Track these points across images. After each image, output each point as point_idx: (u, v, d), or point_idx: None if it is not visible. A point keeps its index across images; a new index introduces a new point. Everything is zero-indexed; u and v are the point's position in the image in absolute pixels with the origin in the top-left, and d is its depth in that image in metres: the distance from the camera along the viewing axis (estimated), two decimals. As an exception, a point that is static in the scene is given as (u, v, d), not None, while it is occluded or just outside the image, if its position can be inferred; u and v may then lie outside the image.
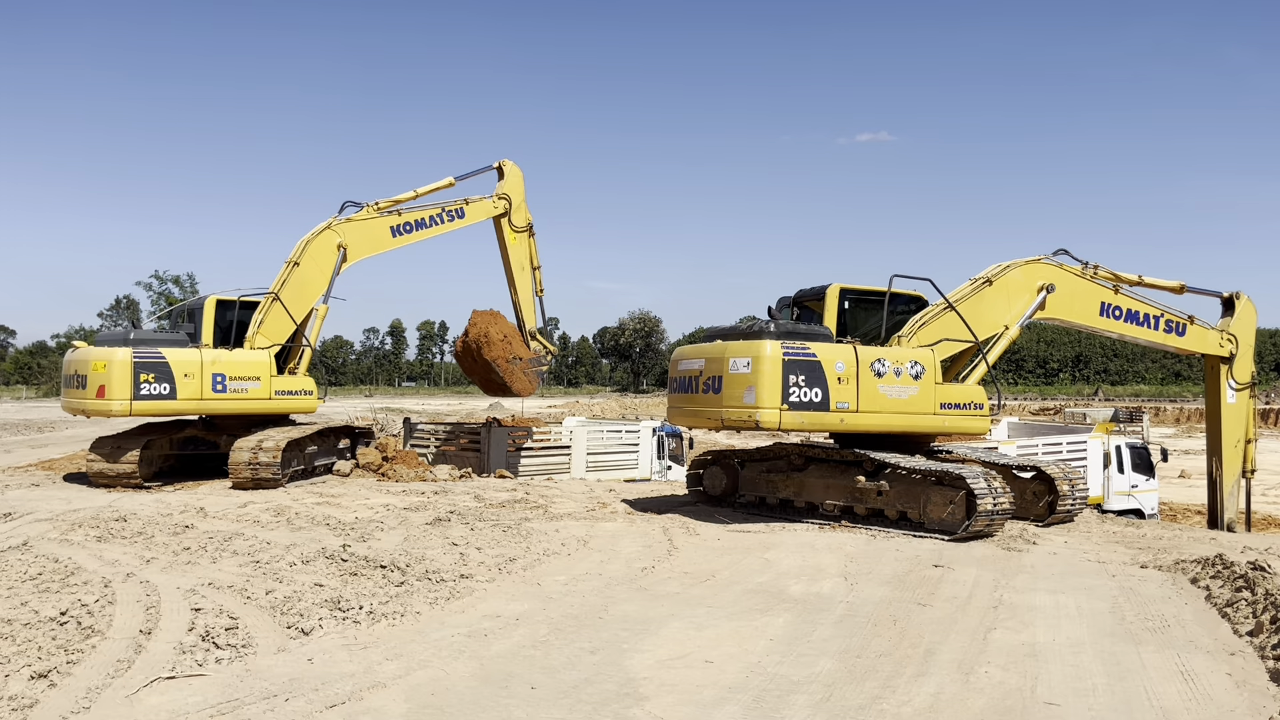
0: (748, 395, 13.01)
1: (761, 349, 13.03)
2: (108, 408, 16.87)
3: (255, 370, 18.17)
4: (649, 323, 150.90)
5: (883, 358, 13.53)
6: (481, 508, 14.58)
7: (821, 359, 13.16)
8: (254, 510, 13.96)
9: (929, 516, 12.94)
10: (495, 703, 5.98)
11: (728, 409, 13.26)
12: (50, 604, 7.92)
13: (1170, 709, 6.03)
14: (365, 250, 19.94)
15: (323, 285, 19.31)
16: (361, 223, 19.83)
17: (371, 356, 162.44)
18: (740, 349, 13.28)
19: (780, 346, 13.03)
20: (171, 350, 17.39)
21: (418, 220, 20.50)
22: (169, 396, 17.17)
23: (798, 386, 12.98)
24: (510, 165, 22.08)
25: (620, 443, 24.10)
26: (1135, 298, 16.09)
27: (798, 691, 6.28)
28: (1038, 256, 15.29)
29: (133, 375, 16.80)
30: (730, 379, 13.24)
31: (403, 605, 8.29)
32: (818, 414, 13.14)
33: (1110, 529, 14.34)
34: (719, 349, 13.68)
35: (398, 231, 20.25)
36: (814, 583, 9.73)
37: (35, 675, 6.13)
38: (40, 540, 11.24)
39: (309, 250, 19.17)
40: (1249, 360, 16.93)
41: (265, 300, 18.76)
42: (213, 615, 7.69)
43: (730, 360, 13.28)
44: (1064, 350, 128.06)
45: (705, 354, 13.98)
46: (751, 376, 13.00)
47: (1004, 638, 7.68)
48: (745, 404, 13.03)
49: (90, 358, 17.13)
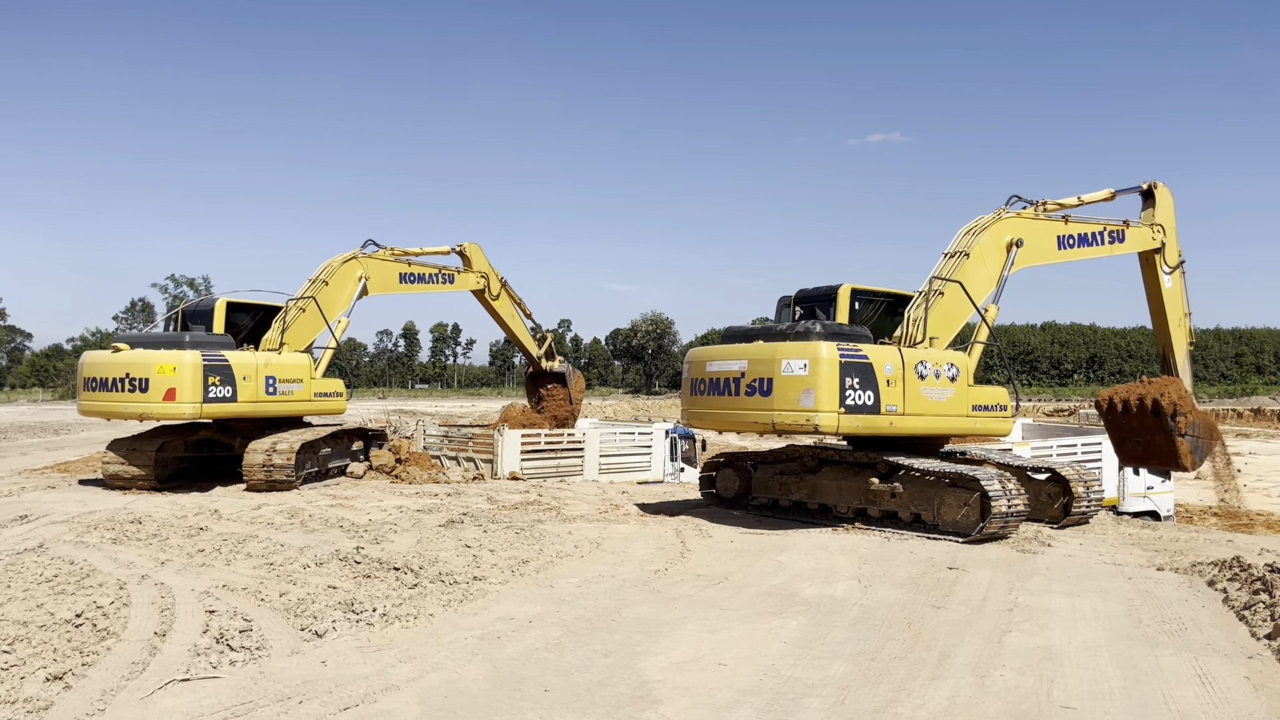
0: (805, 398, 12.55)
1: (819, 350, 12.56)
2: (179, 411, 16.90)
3: (300, 373, 18.64)
4: (661, 324, 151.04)
5: (925, 360, 13.31)
6: (494, 510, 14.60)
7: (873, 361, 12.80)
8: (268, 512, 14.00)
9: (943, 518, 12.88)
10: (508, 705, 5.97)
11: (781, 412, 12.76)
12: (66, 606, 7.95)
13: (1188, 713, 5.98)
14: (379, 288, 21.42)
15: (343, 306, 20.28)
16: (379, 262, 21.21)
17: (385, 359, 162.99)
18: (794, 350, 12.78)
19: (837, 348, 12.64)
20: (232, 353, 17.56)
21: (420, 274, 22.42)
22: (231, 399, 17.34)
23: (853, 389, 12.59)
24: (471, 247, 23.73)
25: (633, 445, 24.11)
26: (1081, 220, 16.25)
27: (812, 694, 6.25)
28: (997, 212, 15.10)
29: (203, 378, 16.94)
30: (784, 381, 12.73)
31: (416, 607, 8.29)
32: (870, 417, 12.77)
33: (1126, 531, 14.25)
34: (768, 350, 13.12)
35: (405, 279, 22.03)
36: (828, 585, 9.69)
37: (51, 677, 6.16)
38: (56, 542, 11.30)
39: (337, 275, 20.12)
40: (1175, 243, 17.39)
41: (291, 307, 19.15)
42: (227, 617, 7.71)
43: (783, 362, 12.77)
44: (1078, 351, 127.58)
45: (749, 355, 13.38)
46: (809, 379, 12.53)
47: (1019, 641, 7.63)
48: (803, 407, 12.55)
49: (153, 360, 16.89)
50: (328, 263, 20.33)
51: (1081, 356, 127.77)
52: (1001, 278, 14.81)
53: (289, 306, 19.09)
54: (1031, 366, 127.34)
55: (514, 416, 24.98)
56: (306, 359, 18.90)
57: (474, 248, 23.64)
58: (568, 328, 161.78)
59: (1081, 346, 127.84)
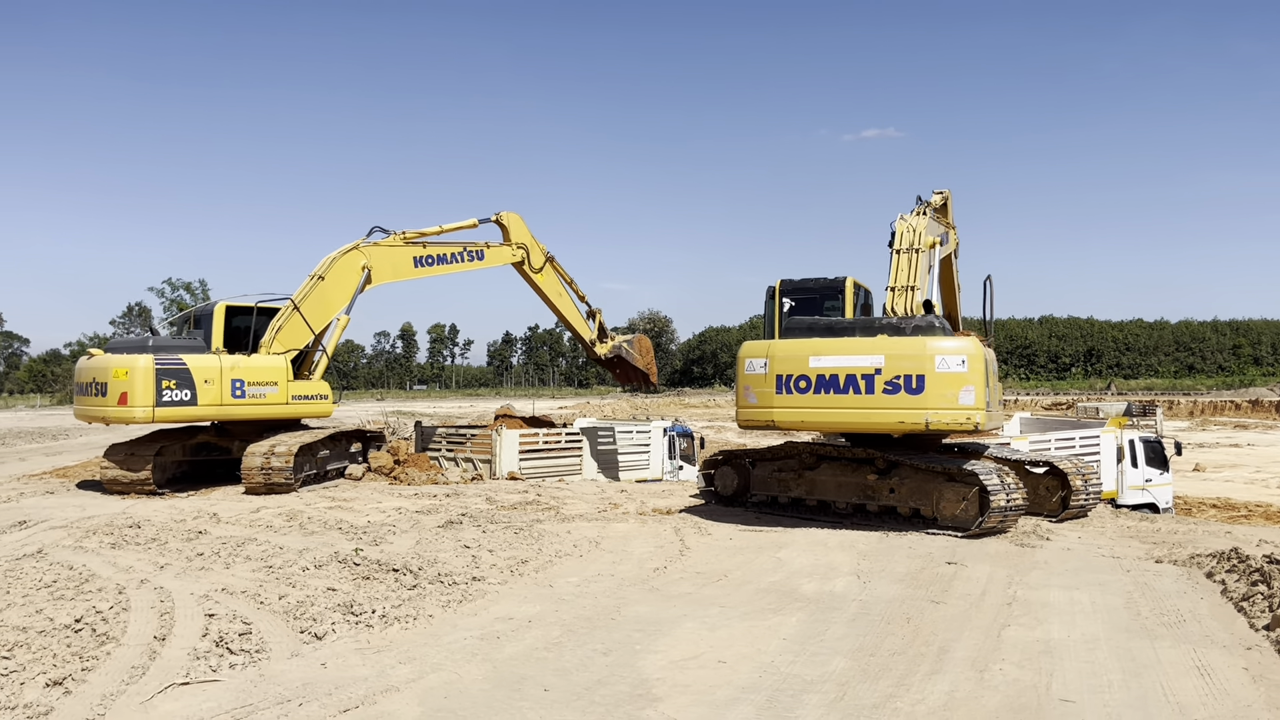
0: (965, 396, 12.18)
1: (970, 347, 12.27)
2: (130, 415, 16.89)
3: (272, 375, 18.27)
4: (659, 323, 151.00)
5: (988, 356, 13.08)
6: (493, 510, 14.60)
7: (986, 357, 12.65)
8: (267, 515, 14.00)
9: (941, 513, 12.90)
10: (508, 705, 5.98)
11: (937, 410, 12.26)
12: (65, 611, 7.95)
13: (1187, 704, 5.99)
14: (388, 275, 20.48)
15: (343, 301, 19.67)
16: (387, 249, 20.29)
17: (383, 360, 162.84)
18: (949, 347, 12.38)
19: (979, 344, 12.37)
20: (192, 356, 17.47)
21: (440, 255, 21.15)
22: (190, 403, 17.24)
23: (987, 386, 12.44)
24: (509, 216, 22.59)
25: (632, 443, 24.10)
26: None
27: (811, 691, 6.26)
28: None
29: (155, 382, 16.86)
30: (938, 379, 12.27)
31: (415, 608, 8.30)
32: (988, 414, 12.55)
33: (1124, 524, 14.27)
34: (917, 345, 12.51)
35: (420, 262, 20.87)
36: (827, 581, 9.71)
37: (51, 683, 6.16)
38: (55, 548, 11.29)
39: (334, 267, 19.57)
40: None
41: (285, 309, 18.94)
42: (226, 621, 7.71)
43: (938, 359, 12.32)
44: (1075, 345, 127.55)
45: (888, 350, 12.64)
46: (968, 376, 12.21)
47: (1018, 634, 7.64)
48: (963, 405, 12.19)
49: (110, 365, 17.09)
50: (327, 256, 19.77)
51: (1079, 350, 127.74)
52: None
53: (285, 309, 18.99)
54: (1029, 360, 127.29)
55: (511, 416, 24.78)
56: (281, 361, 18.45)
57: (513, 216, 22.08)
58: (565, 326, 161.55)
59: (1079, 340, 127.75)
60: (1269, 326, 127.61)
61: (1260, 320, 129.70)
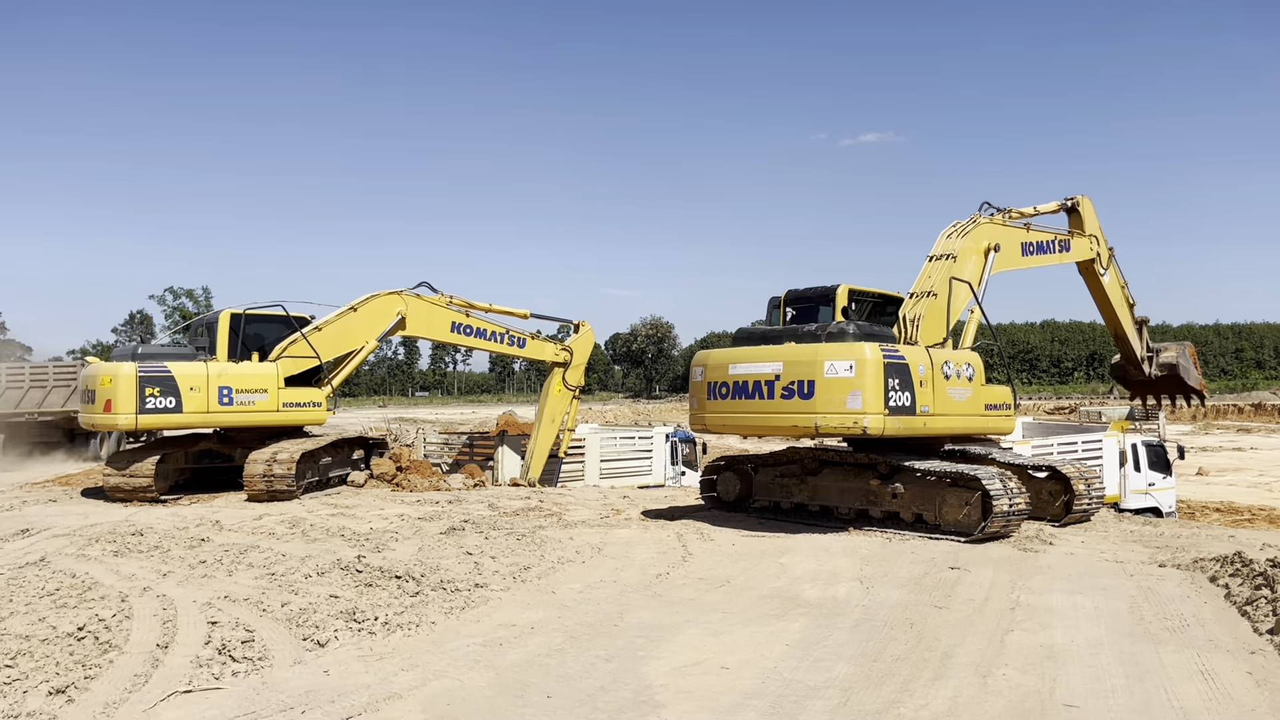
0: (852, 400, 12.41)
1: (863, 351, 12.47)
2: (114, 422, 17.09)
3: (262, 383, 18.23)
4: (661, 328, 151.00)
5: (949, 360, 13.38)
6: (495, 516, 14.60)
7: (909, 361, 12.79)
8: (269, 522, 14.00)
9: (944, 518, 12.89)
10: (511, 712, 5.98)
11: (825, 415, 12.59)
12: (68, 619, 7.95)
13: (1191, 709, 5.98)
14: (421, 330, 20.78)
15: (366, 335, 19.77)
16: (429, 305, 20.50)
17: (385, 367, 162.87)
18: (839, 352, 12.62)
19: (880, 349, 12.57)
20: (177, 364, 17.52)
21: (479, 329, 21.33)
22: (175, 410, 17.29)
23: (894, 390, 12.53)
24: (587, 327, 23.33)
25: (634, 449, 24.10)
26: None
27: (815, 697, 6.26)
28: (973, 217, 15.79)
29: (138, 389, 16.96)
30: (827, 384, 12.56)
31: (418, 615, 8.30)
32: (908, 418, 12.70)
33: (1127, 528, 14.25)
34: (809, 351, 12.91)
35: (457, 329, 21.11)
36: (829, 587, 9.70)
37: (53, 691, 6.16)
38: (58, 556, 11.30)
39: (370, 305, 19.76)
40: (1104, 246, 18.89)
41: (298, 335, 18.85)
42: (229, 628, 7.72)
43: (826, 364, 12.62)
44: (1078, 349, 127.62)
45: (785, 357, 13.16)
46: (856, 381, 12.41)
47: (1022, 639, 7.63)
48: (850, 410, 12.42)
49: (98, 373, 17.40)
50: (370, 293, 19.88)
51: (1081, 354, 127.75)
52: (982, 280, 15.13)
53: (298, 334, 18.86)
54: (1032, 365, 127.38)
55: (512, 424, 24.71)
56: (272, 368, 18.32)
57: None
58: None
59: (1081, 344, 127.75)
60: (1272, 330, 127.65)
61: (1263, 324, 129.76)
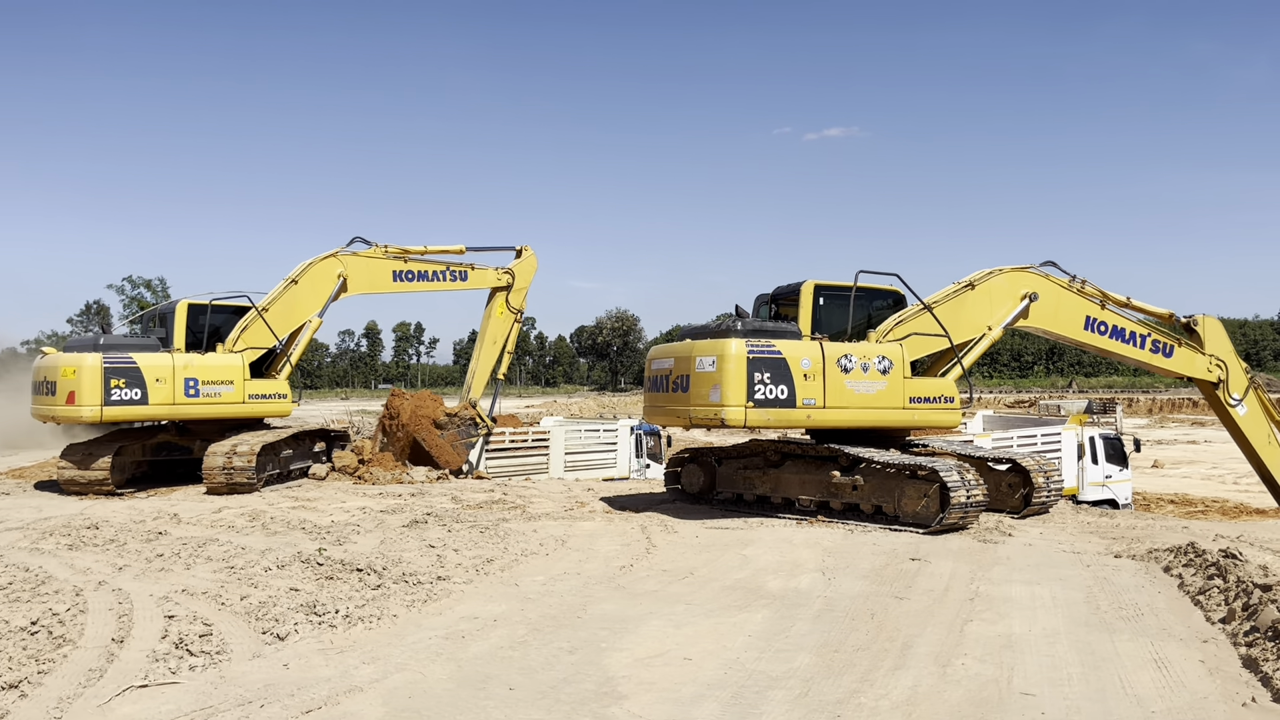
0: (713, 393, 13.23)
1: (726, 348, 13.24)
2: (78, 414, 16.70)
3: (228, 374, 18.04)
4: (626, 321, 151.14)
5: (849, 354, 13.67)
6: (459, 509, 14.53)
7: (787, 356, 13.36)
8: (228, 515, 13.83)
9: (904, 510, 13.01)
10: (473, 704, 5.95)
11: (695, 407, 13.49)
12: (21, 614, 7.81)
13: (1144, 697, 6.09)
14: (364, 286, 20.62)
15: (313, 307, 19.76)
16: (366, 260, 20.46)
17: (347, 359, 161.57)
18: (706, 348, 13.52)
19: (745, 345, 13.25)
20: (143, 355, 17.24)
21: (420, 272, 21.28)
22: (140, 402, 17.02)
23: (763, 384, 13.19)
24: (530, 252, 23.06)
25: (598, 442, 24.09)
26: (1122, 315, 16.37)
27: (776, 687, 6.29)
28: (1025, 265, 15.61)
29: (103, 381, 16.63)
30: (697, 378, 13.47)
31: (379, 608, 8.24)
32: (784, 411, 13.34)
33: (1085, 520, 14.47)
34: (687, 348, 13.92)
35: (399, 277, 21.00)
36: (791, 578, 9.75)
37: (5, 686, 6.05)
38: (10, 549, 11.10)
39: (309, 273, 19.66)
40: (1239, 371, 17.32)
41: (252, 312, 18.79)
42: (186, 622, 7.61)
43: (697, 359, 13.53)
44: (1038, 343, 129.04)
45: (674, 353, 14.26)
46: (717, 375, 13.22)
47: (980, 629, 7.72)
48: (711, 402, 13.26)
49: (59, 364, 16.93)
50: (304, 261, 19.89)
51: (1041, 348, 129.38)
52: (1004, 320, 15.34)
53: (251, 313, 18.78)
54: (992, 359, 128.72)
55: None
56: (238, 360, 18.26)
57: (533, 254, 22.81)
58: (532, 325, 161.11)
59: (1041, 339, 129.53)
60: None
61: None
